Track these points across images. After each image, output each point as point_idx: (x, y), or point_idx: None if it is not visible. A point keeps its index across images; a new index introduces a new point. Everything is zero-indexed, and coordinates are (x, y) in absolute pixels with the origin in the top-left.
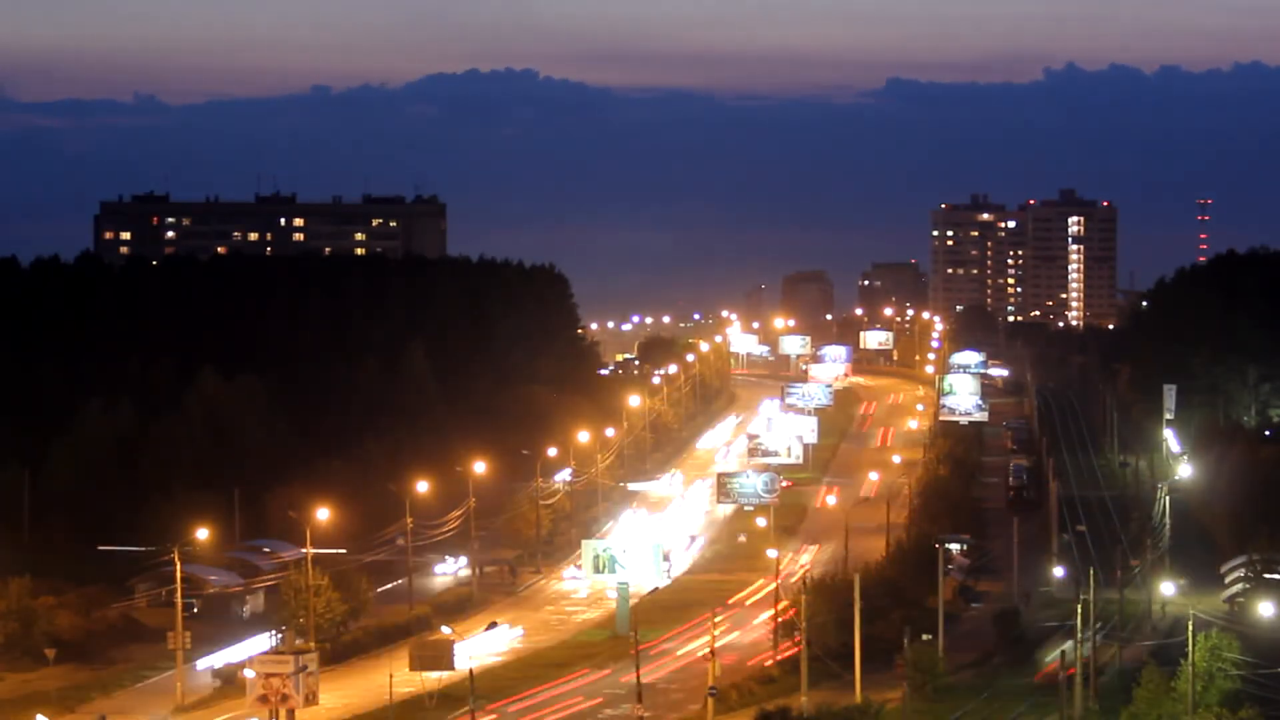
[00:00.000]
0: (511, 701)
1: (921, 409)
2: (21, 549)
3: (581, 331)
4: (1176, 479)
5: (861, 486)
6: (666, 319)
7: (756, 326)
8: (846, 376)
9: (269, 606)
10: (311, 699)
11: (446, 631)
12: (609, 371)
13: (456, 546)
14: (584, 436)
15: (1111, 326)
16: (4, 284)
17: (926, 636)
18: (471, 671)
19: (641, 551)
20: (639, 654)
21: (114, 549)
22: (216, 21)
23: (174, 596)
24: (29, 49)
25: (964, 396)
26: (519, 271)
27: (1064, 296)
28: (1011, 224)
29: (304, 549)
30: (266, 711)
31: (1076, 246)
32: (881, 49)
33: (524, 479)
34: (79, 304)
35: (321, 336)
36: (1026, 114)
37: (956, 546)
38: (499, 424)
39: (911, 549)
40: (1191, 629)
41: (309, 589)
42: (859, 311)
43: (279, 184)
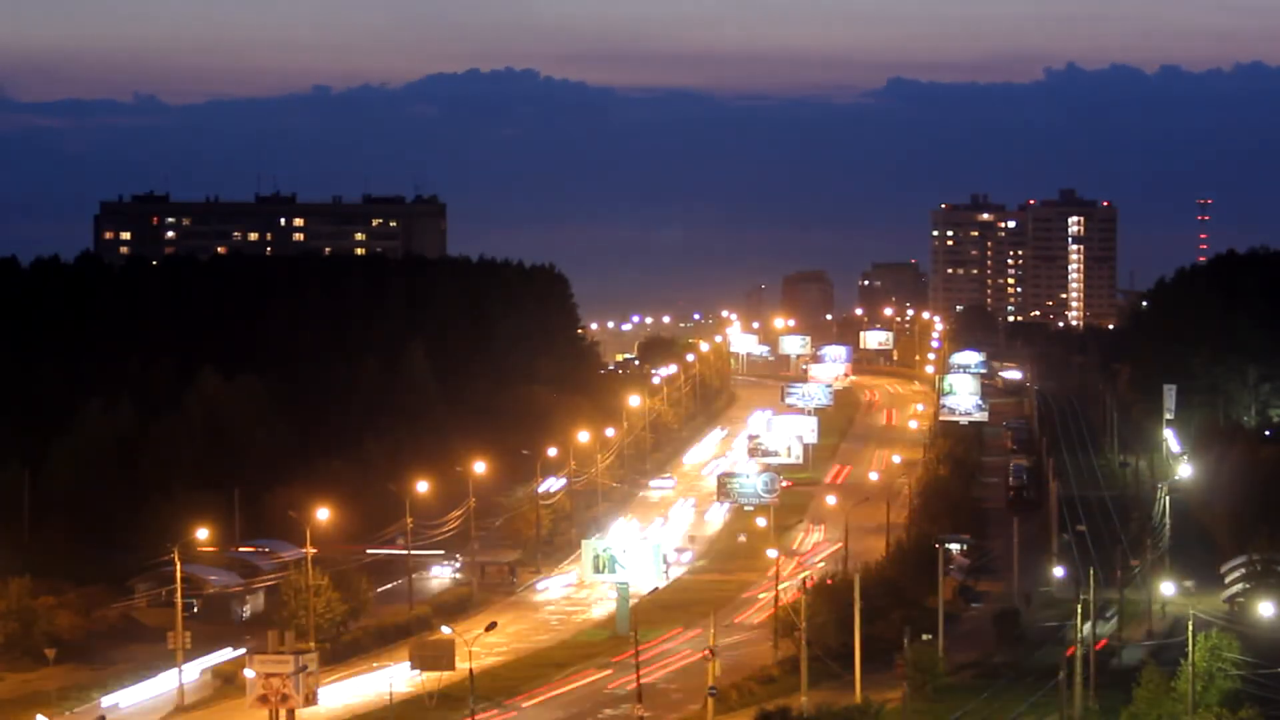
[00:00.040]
0: (529, 698)
1: (921, 409)
2: (21, 549)
3: (581, 331)
4: (1176, 479)
5: (872, 461)
6: (666, 319)
7: (756, 326)
8: (846, 376)
9: (269, 606)
10: (311, 699)
11: (446, 631)
12: (610, 370)
13: (456, 547)
14: (584, 436)
15: (1111, 326)
16: (4, 284)
17: (926, 636)
18: (471, 671)
19: (641, 552)
20: (637, 654)
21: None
22: (216, 21)
23: (174, 596)
24: (29, 49)
25: (964, 396)
26: (519, 271)
27: (1064, 296)
28: (1011, 224)
29: (304, 549)
30: None
31: (1076, 246)
32: (881, 49)
33: (524, 480)
34: (79, 304)
35: (321, 336)
36: (1026, 114)
37: (956, 546)
38: (499, 424)
39: (911, 549)
40: (1191, 629)
41: (309, 589)
42: (859, 311)
43: (279, 184)
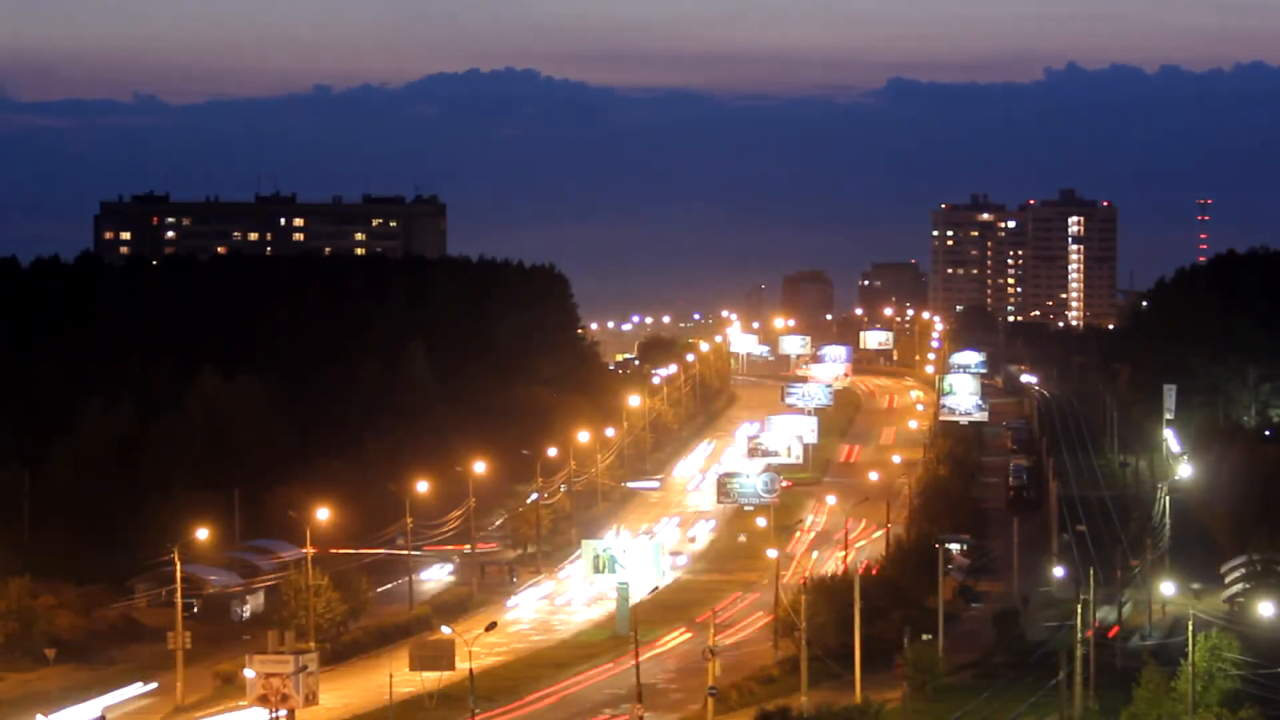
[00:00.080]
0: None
1: (921, 409)
2: (21, 549)
3: (581, 331)
4: (1176, 479)
5: (880, 435)
6: (666, 319)
7: (756, 326)
8: (846, 376)
9: (269, 606)
10: (311, 699)
11: (447, 631)
12: (610, 370)
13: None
14: (584, 436)
15: (1111, 326)
16: (4, 284)
17: (926, 636)
18: (472, 671)
19: (641, 552)
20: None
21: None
22: (216, 21)
23: (174, 596)
24: (29, 49)
25: (964, 396)
26: (519, 271)
27: (1064, 296)
28: (1011, 224)
29: (304, 549)
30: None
31: (1076, 246)
32: (881, 49)
33: (523, 480)
34: (79, 304)
35: (321, 336)
36: (1026, 114)
37: (956, 546)
38: (499, 424)
39: (911, 549)
40: (1191, 629)
41: (309, 589)
42: (859, 311)
43: (279, 184)
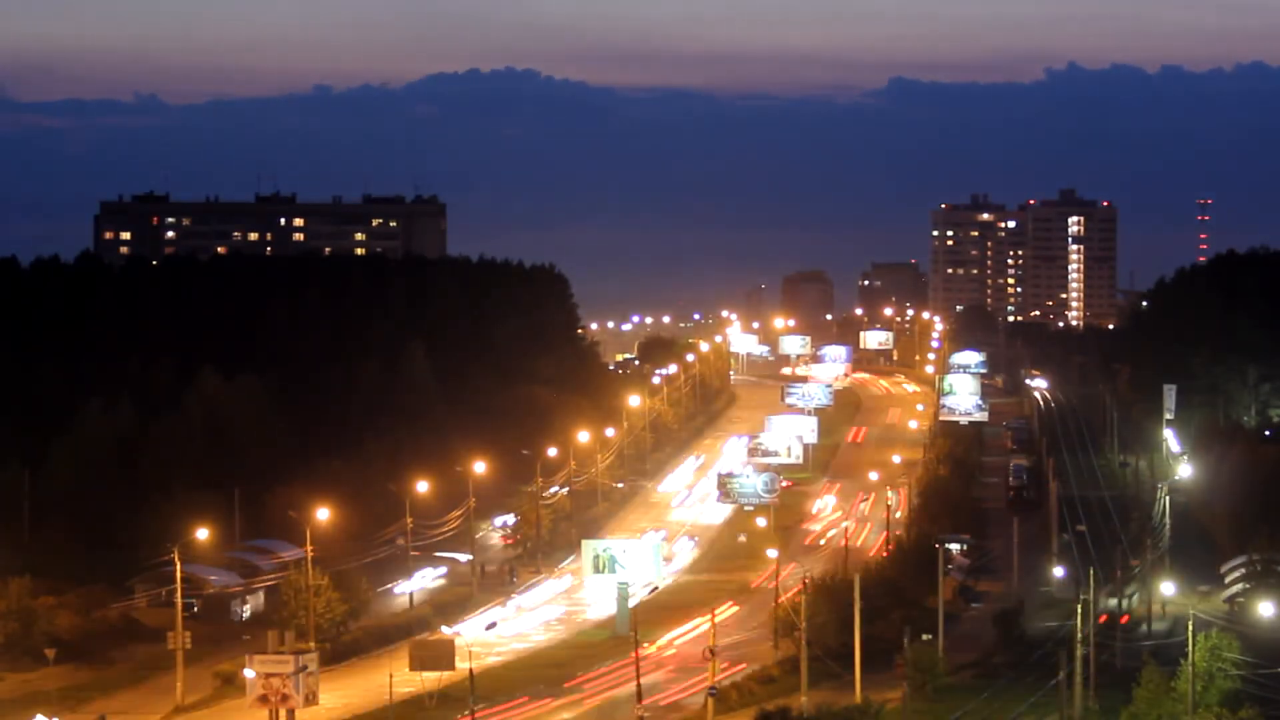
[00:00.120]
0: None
1: (921, 409)
2: (21, 549)
3: (581, 331)
4: (1176, 479)
5: (888, 414)
6: (666, 319)
7: (756, 326)
8: (847, 376)
9: (269, 606)
10: (311, 699)
11: (446, 631)
12: (610, 370)
13: (455, 548)
14: (584, 436)
15: (1111, 326)
16: (4, 284)
17: (926, 636)
18: (472, 671)
19: (641, 552)
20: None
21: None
22: (216, 21)
23: (174, 596)
24: (29, 49)
25: (964, 396)
26: (519, 271)
27: (1064, 296)
28: (1011, 224)
29: (304, 549)
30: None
31: (1076, 246)
32: (881, 49)
33: (522, 481)
34: (79, 304)
35: (321, 336)
36: (1026, 114)
37: (956, 546)
38: (499, 424)
39: (911, 549)
40: (1192, 629)
41: (309, 589)
42: (859, 311)
43: (279, 184)
